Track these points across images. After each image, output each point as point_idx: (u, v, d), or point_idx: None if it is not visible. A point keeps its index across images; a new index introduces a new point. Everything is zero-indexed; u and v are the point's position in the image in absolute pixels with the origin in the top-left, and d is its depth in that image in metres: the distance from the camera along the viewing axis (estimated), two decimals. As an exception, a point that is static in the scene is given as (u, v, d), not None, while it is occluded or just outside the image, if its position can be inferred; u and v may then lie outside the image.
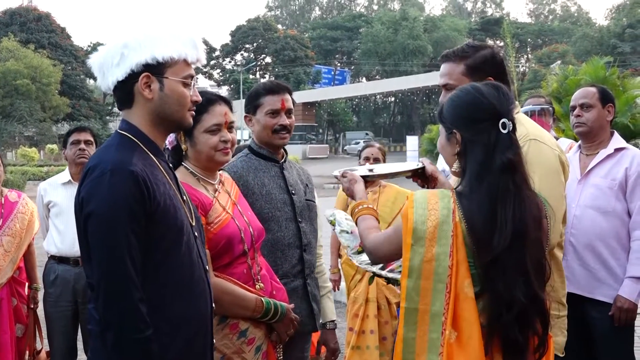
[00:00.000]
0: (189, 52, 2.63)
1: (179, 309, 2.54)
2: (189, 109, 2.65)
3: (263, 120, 3.67)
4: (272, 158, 3.76)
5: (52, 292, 5.36)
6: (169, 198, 2.54)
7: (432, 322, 2.33)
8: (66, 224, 5.33)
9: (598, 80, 14.10)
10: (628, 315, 4.26)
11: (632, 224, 4.29)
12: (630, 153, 4.41)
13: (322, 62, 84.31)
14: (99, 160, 2.48)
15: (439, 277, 2.34)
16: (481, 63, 3.21)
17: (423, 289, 2.34)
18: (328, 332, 4.00)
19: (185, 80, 2.62)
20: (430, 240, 2.36)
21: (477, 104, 2.54)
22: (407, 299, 2.36)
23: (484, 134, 2.48)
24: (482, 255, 2.37)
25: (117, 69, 2.56)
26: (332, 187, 28.82)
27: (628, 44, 68.50)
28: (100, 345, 2.43)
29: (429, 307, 2.33)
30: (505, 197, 2.42)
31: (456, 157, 2.58)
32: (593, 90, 4.58)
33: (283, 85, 3.77)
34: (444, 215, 2.39)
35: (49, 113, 55.14)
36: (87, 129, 5.62)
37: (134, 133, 2.60)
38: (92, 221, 2.40)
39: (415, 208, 2.42)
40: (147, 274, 2.44)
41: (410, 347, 2.34)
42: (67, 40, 68.36)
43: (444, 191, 2.52)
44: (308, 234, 3.76)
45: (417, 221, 2.38)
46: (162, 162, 2.67)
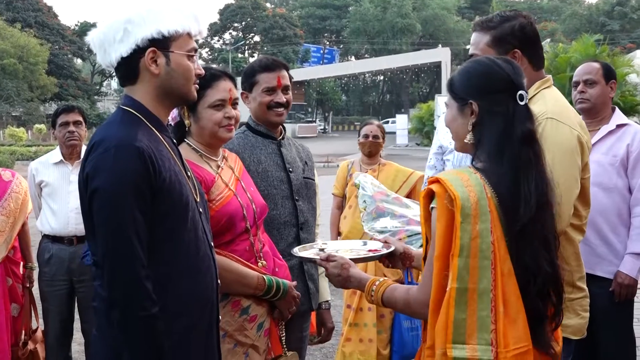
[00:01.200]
0: (192, 25, 2.61)
1: (186, 286, 2.53)
2: (193, 83, 2.63)
3: (259, 97, 3.63)
4: (269, 135, 3.71)
5: (47, 271, 5.32)
6: (174, 174, 2.52)
7: (480, 301, 2.29)
8: (60, 204, 5.30)
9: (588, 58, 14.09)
10: (628, 291, 4.28)
11: (633, 200, 4.29)
12: (632, 129, 4.40)
13: (311, 41, 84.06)
14: (104, 136, 2.45)
15: (483, 253, 2.31)
16: (507, 34, 3.12)
17: (472, 267, 2.29)
18: (324, 312, 3.98)
19: (189, 54, 2.59)
20: (474, 217, 2.32)
21: (494, 73, 2.51)
22: (459, 279, 2.30)
23: (502, 104, 2.46)
24: (510, 227, 2.36)
25: (120, 44, 2.52)
26: (322, 165, 28.90)
27: (617, 22, 68.59)
28: (106, 322, 2.41)
29: (477, 285, 2.30)
30: (528, 168, 2.41)
31: (469, 129, 2.53)
32: (597, 66, 4.55)
33: (279, 62, 3.73)
34: (478, 192, 2.36)
35: (36, 93, 54.88)
36: (76, 109, 5.50)
37: (137, 108, 2.57)
38: (97, 197, 2.37)
39: (455, 186, 2.36)
40: (153, 250, 2.42)
41: (460, 329, 2.30)
42: (54, 19, 67.88)
43: (468, 168, 2.47)
44: (305, 212, 3.72)
45: (462, 198, 2.33)
46: (166, 137, 2.64)
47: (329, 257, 2.81)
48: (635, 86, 16.36)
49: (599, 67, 4.54)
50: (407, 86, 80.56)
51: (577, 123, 3.09)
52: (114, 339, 2.40)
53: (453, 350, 2.30)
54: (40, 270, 5.38)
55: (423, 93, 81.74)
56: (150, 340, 2.37)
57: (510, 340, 2.30)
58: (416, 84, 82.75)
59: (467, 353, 2.29)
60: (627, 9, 69.44)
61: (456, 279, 2.31)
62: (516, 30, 3.12)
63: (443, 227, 2.35)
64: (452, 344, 2.30)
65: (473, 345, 2.30)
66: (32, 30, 58.32)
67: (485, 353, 2.29)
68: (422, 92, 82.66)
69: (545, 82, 3.19)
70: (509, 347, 2.30)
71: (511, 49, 3.11)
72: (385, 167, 5.88)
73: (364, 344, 5.59)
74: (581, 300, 3.24)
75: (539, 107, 2.99)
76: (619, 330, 4.39)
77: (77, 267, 5.23)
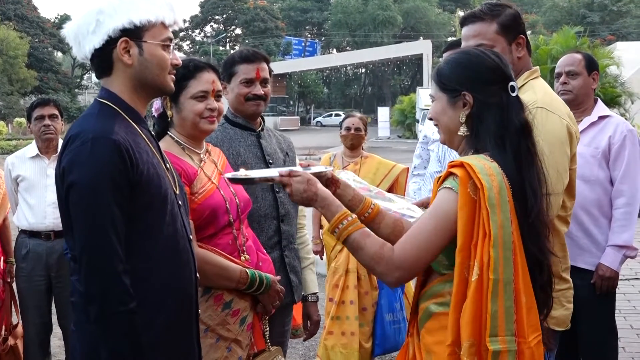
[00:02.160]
0: (166, 14, 2.56)
1: (164, 280, 2.50)
2: (169, 73, 2.58)
3: (237, 88, 3.59)
4: (248, 127, 3.67)
5: (24, 267, 5.26)
6: (153, 167, 2.49)
7: (505, 291, 2.27)
8: (37, 198, 5.24)
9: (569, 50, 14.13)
10: (609, 283, 4.29)
11: (615, 193, 4.29)
12: (614, 121, 4.40)
13: (293, 34, 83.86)
14: (80, 130, 2.41)
15: (506, 244, 2.28)
16: (512, 21, 3.12)
17: (500, 258, 2.27)
18: (310, 305, 3.96)
19: (164, 43, 2.55)
20: (497, 207, 2.29)
21: (488, 64, 2.49)
22: (494, 271, 2.26)
23: (496, 96, 2.44)
24: (521, 219, 2.35)
25: (93, 36, 2.48)
26: (304, 158, 28.83)
27: (597, 14, 68.90)
28: (84, 317, 2.38)
29: (503, 275, 2.27)
30: (528, 159, 2.41)
31: (462, 121, 2.49)
32: (579, 57, 4.54)
33: (259, 54, 3.68)
34: (499, 181, 2.32)
35: (16, 86, 54.33)
36: (51, 102, 5.40)
37: (114, 101, 2.53)
38: (73, 191, 2.33)
39: (481, 174, 2.31)
40: (131, 244, 2.38)
41: (495, 321, 2.27)
42: (34, 12, 67.15)
43: (484, 156, 2.41)
44: (286, 204, 3.68)
45: (488, 188, 2.29)
46: (144, 129, 2.60)
47: (291, 172, 2.57)
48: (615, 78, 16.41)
49: (581, 58, 4.53)
50: (389, 79, 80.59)
51: (566, 113, 3.09)
52: (91, 334, 2.37)
53: (491, 344, 2.26)
54: (17, 266, 5.32)
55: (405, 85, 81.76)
56: (128, 335, 2.34)
57: (529, 330, 2.30)
58: (398, 76, 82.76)
59: (500, 346, 2.26)
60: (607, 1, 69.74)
61: (493, 270, 2.26)
62: (517, 16, 3.14)
63: (465, 217, 2.30)
64: (489, 337, 2.26)
65: (503, 337, 2.27)
66: (12, 23, 57.65)
67: (511, 344, 2.27)
68: (403, 85, 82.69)
69: (534, 73, 3.19)
70: (530, 337, 2.30)
71: (517, 35, 3.12)
72: (367, 160, 5.86)
73: (346, 337, 5.57)
74: (566, 291, 3.25)
75: (528, 97, 2.98)
76: (600, 322, 4.39)
77: (54, 262, 5.18)
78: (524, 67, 3.13)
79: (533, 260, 2.37)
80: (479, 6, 3.22)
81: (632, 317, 6.94)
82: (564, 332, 3.34)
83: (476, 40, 3.09)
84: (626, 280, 8.05)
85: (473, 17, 3.16)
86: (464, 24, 3.20)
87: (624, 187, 4.26)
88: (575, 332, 4.27)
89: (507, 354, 2.26)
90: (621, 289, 7.13)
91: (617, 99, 15.96)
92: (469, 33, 3.15)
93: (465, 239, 2.30)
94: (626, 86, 16.49)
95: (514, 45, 3.11)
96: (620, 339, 4.87)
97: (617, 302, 4.60)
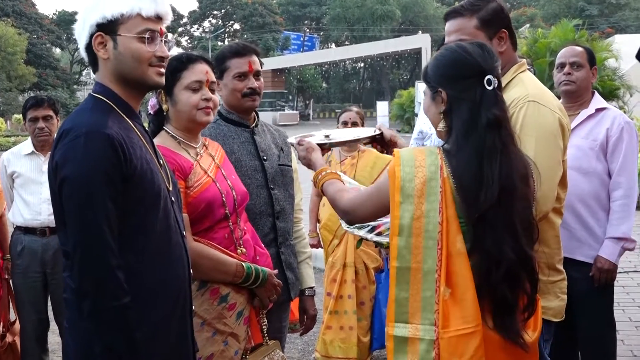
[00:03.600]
0: (143, 5, 2.51)
1: (157, 275, 2.50)
2: (151, 65, 2.54)
3: (231, 84, 3.56)
4: (242, 123, 3.65)
5: (20, 263, 5.24)
6: (146, 162, 2.48)
7: (424, 281, 2.30)
8: (32, 195, 5.24)
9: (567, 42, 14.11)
10: (608, 276, 4.28)
11: (613, 185, 4.29)
12: (612, 113, 4.40)
13: (291, 28, 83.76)
14: (73, 124, 2.40)
15: (429, 234, 2.32)
16: (493, 15, 3.10)
17: (414, 247, 2.31)
18: (307, 299, 3.94)
19: (140, 35, 2.51)
20: (419, 197, 2.34)
21: (462, 61, 2.52)
22: (399, 258, 2.33)
23: (470, 91, 2.47)
24: (470, 212, 2.36)
25: (83, 33, 2.54)
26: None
27: (595, 7, 68.84)
28: (77, 314, 2.37)
29: (421, 265, 2.31)
30: (492, 154, 2.40)
31: (441, 117, 2.54)
32: (582, 50, 4.54)
33: (250, 47, 3.65)
34: (431, 172, 2.37)
35: (14, 83, 54.30)
36: (45, 102, 5.30)
37: (107, 95, 2.53)
38: (66, 186, 2.33)
39: (402, 166, 2.39)
40: (124, 239, 2.38)
41: (403, 308, 2.31)
42: (32, 8, 67.05)
43: (431, 148, 2.49)
44: (281, 200, 3.67)
45: (404, 179, 2.36)
46: (137, 124, 2.59)
47: (300, 141, 3.13)
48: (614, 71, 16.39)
49: (583, 50, 4.54)
50: (388, 73, 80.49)
51: (557, 106, 3.07)
52: (85, 330, 2.36)
53: (395, 329, 2.33)
54: (12, 263, 5.29)
55: (404, 80, 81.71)
56: (123, 330, 2.34)
57: (451, 322, 2.31)
58: (396, 70, 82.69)
59: (409, 332, 2.32)
60: (606, -6, 69.73)
61: (396, 257, 2.33)
62: (499, 10, 3.12)
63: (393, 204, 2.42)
64: (394, 322, 2.34)
65: (416, 324, 2.32)
66: (10, 20, 57.56)
67: (428, 333, 2.31)
68: (402, 79, 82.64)
69: (521, 67, 3.18)
70: (449, 327, 2.31)
71: (498, 29, 3.11)
72: (364, 154, 5.84)
73: (344, 331, 5.57)
74: (560, 282, 3.24)
75: (519, 91, 2.99)
76: (599, 315, 4.39)
77: (50, 258, 5.17)
78: (508, 62, 3.12)
79: (487, 253, 2.37)
80: (463, 1, 3.21)
81: (631, 310, 6.93)
82: (562, 325, 3.34)
83: (456, 35, 3.10)
84: (625, 273, 8.04)
85: (454, 12, 3.17)
86: (447, 19, 3.21)
87: (621, 179, 4.25)
88: (573, 325, 4.27)
89: (419, 341, 2.31)
90: (620, 281, 7.16)
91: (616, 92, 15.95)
92: (450, 28, 3.17)
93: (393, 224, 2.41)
94: (625, 79, 16.48)
95: (495, 40, 3.09)
96: (619, 332, 4.86)
97: (616, 295, 4.60)
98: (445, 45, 2.71)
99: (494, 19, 3.10)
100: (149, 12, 2.53)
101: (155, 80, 2.59)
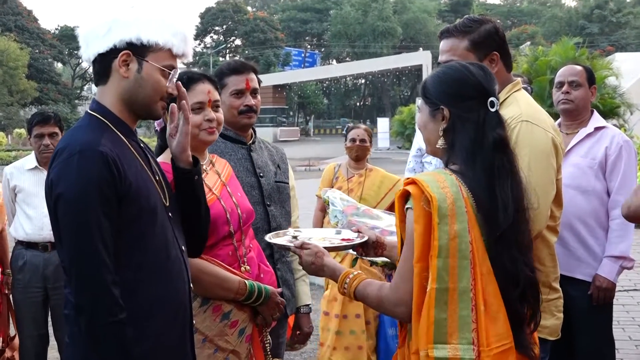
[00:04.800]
0: (177, 43, 2.57)
1: (155, 291, 2.50)
2: (161, 98, 2.58)
3: (228, 101, 3.58)
4: (239, 140, 3.67)
5: (21, 278, 5.24)
6: (141, 179, 2.50)
7: (461, 300, 2.30)
8: (34, 209, 5.24)
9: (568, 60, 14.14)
10: (606, 295, 4.28)
11: (611, 203, 4.29)
12: (610, 132, 4.42)
13: (292, 44, 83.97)
14: (68, 142, 2.43)
15: (462, 253, 2.32)
16: (485, 37, 3.14)
17: (451, 267, 2.31)
18: (302, 317, 3.93)
19: (164, 69, 2.55)
20: (451, 218, 2.33)
21: (466, 80, 2.52)
22: (438, 280, 2.31)
23: (473, 111, 2.48)
24: (489, 232, 2.38)
25: (101, 40, 2.51)
26: (304, 169, 28.90)
27: (596, 25, 69.18)
28: (77, 329, 2.38)
29: (457, 284, 2.31)
30: (502, 175, 2.42)
31: (441, 134, 2.54)
32: (581, 69, 4.57)
33: (247, 65, 3.68)
34: (454, 192, 2.37)
35: (16, 97, 54.43)
36: (52, 119, 5.31)
37: (103, 113, 2.54)
38: (61, 203, 2.35)
39: (431, 187, 2.36)
40: (120, 256, 2.39)
41: (442, 328, 2.30)
42: (34, 23, 67.29)
43: (443, 170, 2.48)
44: (278, 217, 3.69)
45: (439, 199, 2.34)
46: (133, 142, 2.60)
47: (303, 244, 2.79)
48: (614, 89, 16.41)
49: (582, 70, 4.57)
50: (389, 89, 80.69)
51: (550, 125, 3.10)
52: (83, 345, 2.37)
53: (435, 351, 2.30)
54: (13, 277, 5.29)
55: (404, 96, 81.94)
56: (119, 346, 2.34)
57: (492, 339, 2.32)
58: (397, 87, 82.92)
59: (448, 353, 2.30)
60: (606, 12, 70.01)
61: (436, 279, 2.31)
62: (492, 33, 3.15)
63: (421, 229, 2.35)
64: (433, 344, 2.31)
65: (455, 344, 2.30)
66: (12, 34, 57.79)
67: (467, 352, 2.30)
68: (403, 96, 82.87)
69: (516, 85, 3.21)
70: (491, 345, 2.31)
71: (490, 51, 3.14)
72: (372, 173, 5.84)
73: (351, 351, 5.53)
74: (556, 300, 3.26)
75: (512, 110, 3.02)
76: (598, 333, 4.38)
77: (51, 273, 5.16)
78: (502, 83, 3.12)
79: (504, 272, 2.39)
80: (459, 20, 3.25)
81: (631, 329, 6.92)
82: (561, 343, 3.35)
83: (448, 55, 3.14)
84: (625, 292, 8.03)
85: (447, 32, 3.21)
86: (441, 38, 3.24)
87: (620, 197, 4.25)
88: (572, 343, 4.27)
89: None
90: (620, 300, 7.15)
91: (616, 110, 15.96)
92: (443, 48, 3.20)
93: (421, 250, 2.35)
94: (625, 97, 16.50)
95: (486, 62, 3.10)
96: (618, 350, 4.87)
97: (616, 314, 4.60)
98: (448, 64, 2.72)
99: (486, 42, 3.13)
100: (179, 50, 2.59)
101: (159, 114, 2.63)
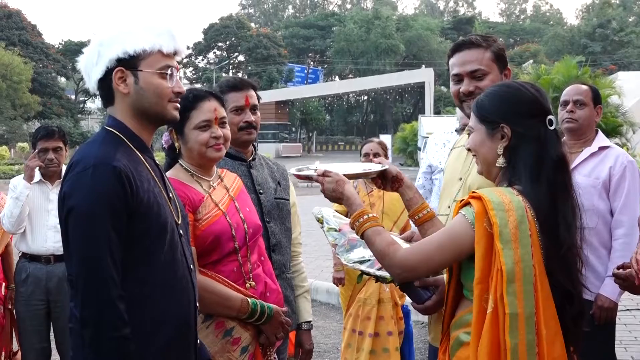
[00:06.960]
0: (164, 42, 2.59)
1: (161, 308, 2.51)
2: (170, 100, 2.60)
3: (227, 117, 3.59)
4: (238, 157, 3.70)
5: (23, 291, 5.25)
6: (154, 195, 2.51)
7: (527, 324, 2.31)
8: (38, 222, 5.26)
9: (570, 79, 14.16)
10: (608, 314, 4.28)
11: (615, 223, 4.30)
12: (614, 152, 4.43)
13: (295, 61, 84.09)
14: (83, 156, 2.45)
15: (526, 277, 2.33)
16: (502, 52, 3.18)
17: (518, 292, 2.31)
18: (303, 333, 3.92)
19: (161, 72, 2.57)
20: (514, 242, 2.34)
21: (526, 98, 2.55)
22: (510, 305, 2.32)
23: (536, 129, 2.50)
24: (551, 251, 2.39)
25: (96, 67, 2.57)
26: (306, 185, 28.75)
27: (598, 44, 69.25)
28: (81, 343, 2.38)
29: (524, 309, 2.32)
30: (564, 193, 2.46)
31: (500, 153, 2.54)
32: (587, 89, 4.59)
33: (247, 82, 3.71)
34: (520, 215, 2.37)
35: (19, 111, 54.51)
36: (56, 134, 5.34)
37: (120, 129, 2.57)
38: (72, 216, 2.37)
39: (495, 210, 2.36)
40: (128, 271, 2.41)
41: (515, 355, 2.31)
42: (38, 37, 67.54)
43: (510, 190, 2.47)
44: (277, 233, 3.70)
45: (501, 224, 2.35)
46: (148, 158, 2.63)
47: (325, 172, 2.82)
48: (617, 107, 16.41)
49: (588, 89, 4.59)
50: (391, 106, 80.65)
51: None
52: (86, 358, 2.37)
53: None
54: (16, 290, 5.31)
55: (407, 113, 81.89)
56: None
57: None
58: (400, 104, 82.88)
59: None
60: (609, 31, 70.12)
61: (508, 305, 2.31)
62: (503, 49, 3.20)
63: (482, 251, 2.37)
64: None
65: None
66: (16, 49, 57.95)
67: None
68: (405, 113, 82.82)
69: None
70: None
71: (505, 66, 3.18)
72: None
73: None
74: None
75: None
76: (600, 353, 4.36)
77: (54, 286, 5.18)
78: None
79: (563, 292, 2.40)
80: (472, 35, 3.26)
81: (633, 348, 6.89)
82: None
83: (473, 65, 3.13)
84: (627, 311, 8.00)
85: (470, 43, 3.20)
86: (459, 50, 3.22)
87: (623, 217, 4.27)
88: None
89: None
90: (622, 319, 7.11)
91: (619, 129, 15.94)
92: (466, 58, 3.18)
93: (482, 271, 2.36)
94: (628, 116, 16.49)
95: (503, 76, 3.16)
96: (620, 370, 4.84)
97: (618, 333, 4.58)
98: (504, 82, 2.76)
99: (503, 57, 3.18)
100: (169, 48, 2.60)
101: (173, 115, 2.65)
